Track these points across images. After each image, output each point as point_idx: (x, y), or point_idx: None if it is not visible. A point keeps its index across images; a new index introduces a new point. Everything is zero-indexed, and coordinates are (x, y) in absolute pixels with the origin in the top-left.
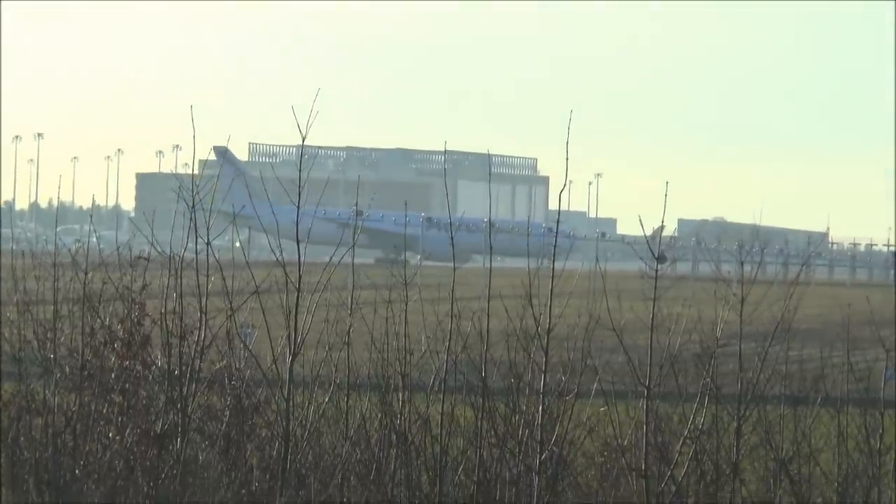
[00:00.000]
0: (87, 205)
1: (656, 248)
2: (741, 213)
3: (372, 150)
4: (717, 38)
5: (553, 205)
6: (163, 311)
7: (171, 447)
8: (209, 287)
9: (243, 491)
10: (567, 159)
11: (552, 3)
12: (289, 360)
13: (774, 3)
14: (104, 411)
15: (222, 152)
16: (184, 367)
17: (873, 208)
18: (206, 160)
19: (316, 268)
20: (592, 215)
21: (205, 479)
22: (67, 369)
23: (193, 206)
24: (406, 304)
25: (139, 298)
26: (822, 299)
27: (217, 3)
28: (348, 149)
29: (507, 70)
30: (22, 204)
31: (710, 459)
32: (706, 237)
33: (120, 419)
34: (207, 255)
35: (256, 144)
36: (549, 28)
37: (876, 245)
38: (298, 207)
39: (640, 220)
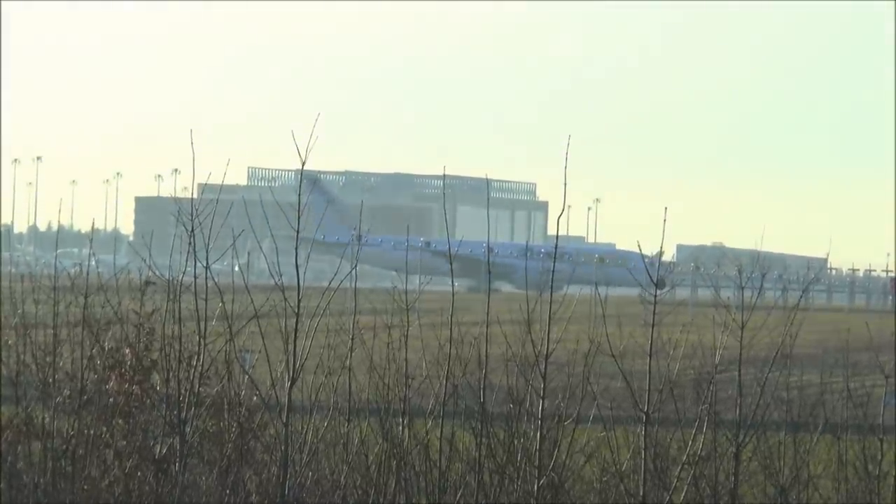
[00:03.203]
0: (86, 228)
1: (656, 274)
2: (740, 238)
3: (371, 174)
4: (716, 64)
5: (552, 230)
6: (163, 335)
7: (170, 472)
8: (207, 311)
9: None
10: (565, 185)
11: (550, 27)
12: (287, 384)
13: (773, 31)
14: (103, 435)
15: (313, 180)
16: (183, 392)
17: (873, 234)
18: (205, 184)
19: (316, 292)
20: (591, 240)
21: None
22: (67, 392)
23: (192, 230)
24: (407, 329)
25: (148, 323)
26: (821, 325)
27: (215, 28)
28: (347, 173)
29: (505, 96)
30: (21, 227)
31: (709, 485)
32: (705, 262)
33: (119, 443)
34: (206, 279)
35: (256, 168)
36: (548, 53)
37: (874, 271)
38: (298, 232)
39: (639, 246)
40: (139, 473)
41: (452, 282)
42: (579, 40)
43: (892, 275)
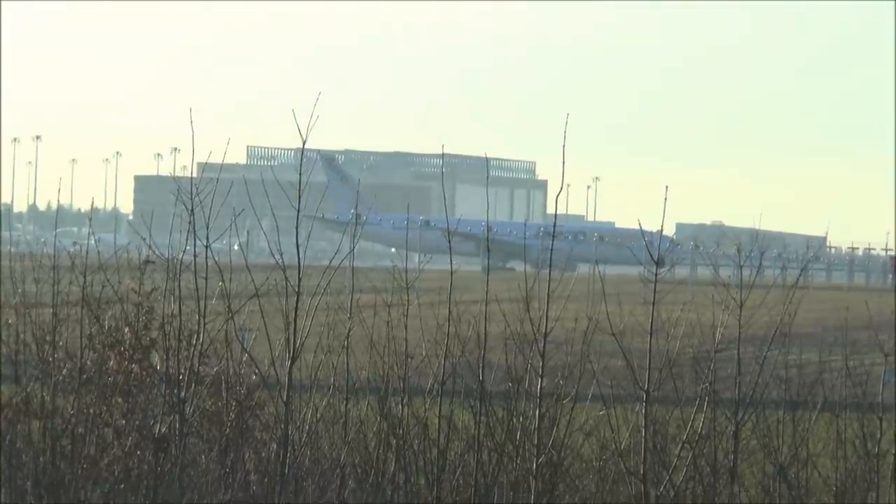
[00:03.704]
0: (85, 207)
1: (655, 252)
2: (740, 217)
3: (370, 153)
4: (715, 43)
5: (551, 208)
6: (163, 314)
7: (169, 451)
8: (207, 290)
9: (241, 494)
10: (564, 163)
11: (550, 6)
12: (287, 363)
13: (773, 6)
14: (102, 415)
15: (330, 159)
16: (182, 371)
17: (872, 212)
18: (205, 163)
19: (316, 271)
20: (591, 219)
21: (203, 483)
22: (66, 371)
23: (192, 209)
24: (407, 308)
25: (147, 302)
26: (820, 303)
27: (214, 5)
28: (346, 152)
29: (505, 74)
30: (20, 206)
31: (708, 464)
32: (705, 241)
33: (119, 422)
34: (206, 258)
35: (255, 147)
36: (548, 32)
37: (874, 249)
38: (298, 211)
39: (640, 224)
40: (139, 452)
41: (451, 260)
42: (580, 17)
43: (892, 253)
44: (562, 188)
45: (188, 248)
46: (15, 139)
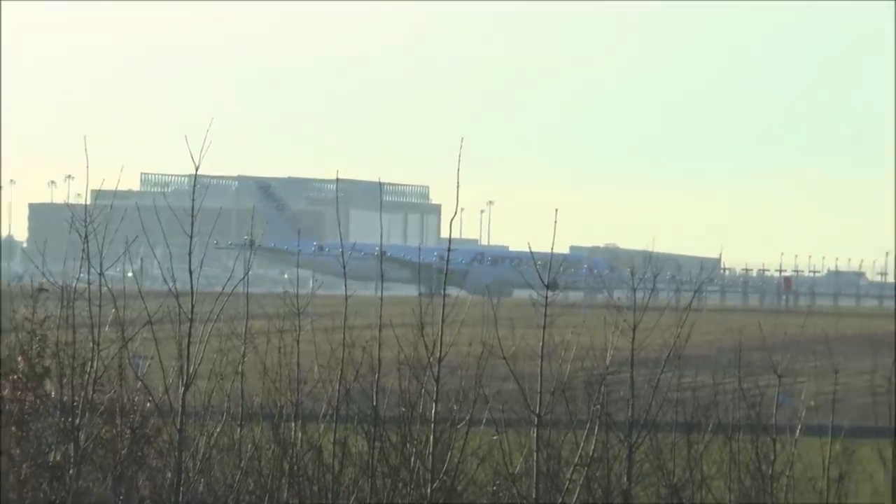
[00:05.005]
0: None
1: (546, 276)
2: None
3: (264, 178)
4: (608, 65)
5: (445, 232)
6: (56, 342)
7: (64, 479)
8: (101, 318)
9: None
10: (458, 187)
11: (439, 31)
12: (181, 390)
13: (661, 38)
14: None
15: (265, 187)
16: (77, 399)
17: (766, 234)
18: (99, 190)
19: (209, 297)
20: (485, 242)
21: None
22: None
23: (86, 237)
24: (298, 334)
25: (40, 330)
26: (714, 325)
27: (106, 31)
28: (240, 178)
29: (396, 99)
30: None
31: (601, 486)
32: (598, 264)
33: (13, 451)
34: (100, 285)
35: (149, 174)
36: (438, 57)
37: (768, 271)
38: (192, 237)
39: (530, 247)
40: (33, 481)
41: (346, 285)
42: (468, 42)
43: (786, 274)
44: (456, 212)
45: (82, 275)
46: None
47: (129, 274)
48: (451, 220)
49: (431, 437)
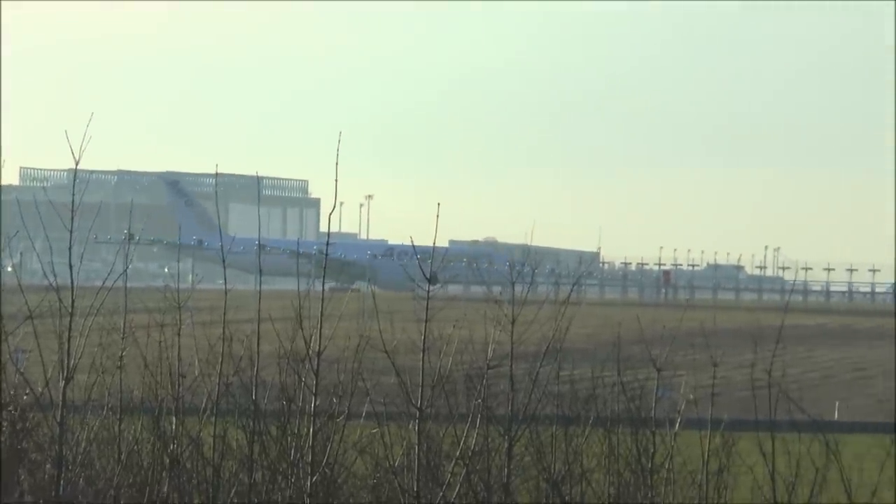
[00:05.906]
0: None
1: (427, 269)
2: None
3: (143, 173)
4: (485, 55)
5: (324, 226)
6: None
7: None
8: None
9: None
10: (337, 181)
11: (314, 25)
12: (61, 384)
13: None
14: None
15: (174, 183)
16: None
17: (643, 228)
18: None
19: (90, 292)
20: (364, 237)
21: None
22: None
23: None
24: (179, 328)
25: None
26: (593, 319)
27: None
28: (119, 172)
29: (276, 91)
30: None
31: (482, 480)
32: (478, 258)
33: None
34: None
35: (28, 169)
36: (319, 48)
37: (647, 264)
38: (72, 232)
39: (412, 241)
40: None
41: (225, 279)
42: (351, 33)
43: (665, 268)
44: (335, 206)
45: None
46: None
47: (9, 269)
48: (330, 213)
49: (311, 431)
